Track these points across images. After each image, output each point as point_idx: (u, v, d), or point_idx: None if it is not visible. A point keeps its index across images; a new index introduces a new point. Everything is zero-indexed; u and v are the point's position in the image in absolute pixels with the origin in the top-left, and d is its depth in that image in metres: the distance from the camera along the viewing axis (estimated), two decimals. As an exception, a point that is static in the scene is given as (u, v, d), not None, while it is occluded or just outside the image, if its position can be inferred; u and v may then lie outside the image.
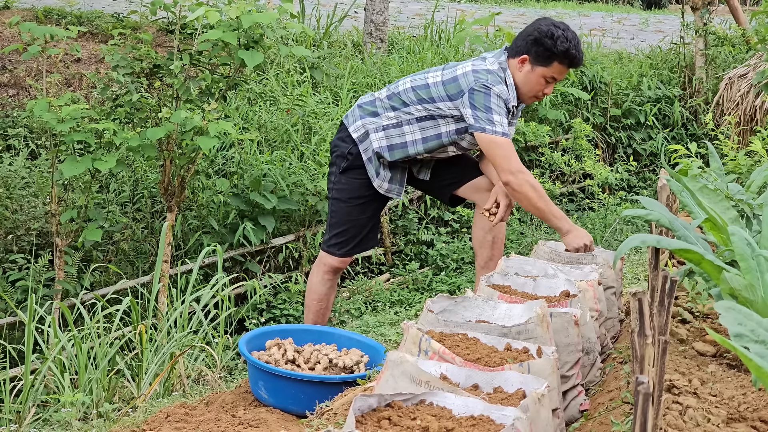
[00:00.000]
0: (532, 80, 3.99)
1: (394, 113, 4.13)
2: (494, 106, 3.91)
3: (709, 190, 3.40)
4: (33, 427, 4.60)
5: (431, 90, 4.08)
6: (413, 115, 4.11)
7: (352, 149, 4.20)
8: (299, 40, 9.93)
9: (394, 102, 4.15)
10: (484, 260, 4.30)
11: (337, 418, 3.18)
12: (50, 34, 6.24)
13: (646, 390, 1.69)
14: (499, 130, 3.90)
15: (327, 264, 4.32)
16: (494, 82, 3.94)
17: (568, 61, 3.96)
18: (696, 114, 10.14)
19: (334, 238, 4.26)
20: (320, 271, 4.36)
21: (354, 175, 4.23)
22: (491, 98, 3.91)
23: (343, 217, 4.23)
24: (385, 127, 4.14)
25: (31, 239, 6.82)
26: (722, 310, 1.91)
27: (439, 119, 4.07)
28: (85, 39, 10.09)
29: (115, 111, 6.22)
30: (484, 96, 3.92)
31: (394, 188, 4.23)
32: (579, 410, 3.07)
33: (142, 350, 5.05)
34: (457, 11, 14.18)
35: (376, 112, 4.18)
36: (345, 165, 4.21)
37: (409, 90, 4.13)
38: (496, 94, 3.91)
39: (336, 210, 4.27)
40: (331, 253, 4.29)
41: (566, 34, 3.94)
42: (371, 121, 4.17)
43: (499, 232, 4.26)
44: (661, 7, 23.11)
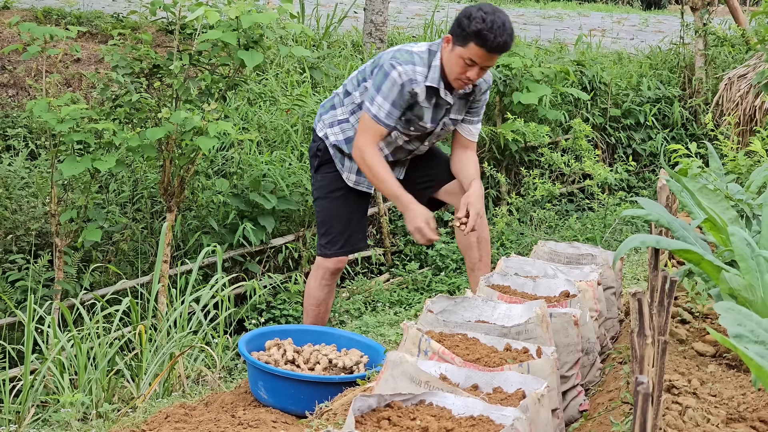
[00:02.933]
0: (452, 61, 3.90)
1: (345, 106, 4.17)
2: (385, 88, 3.91)
3: (708, 191, 3.40)
4: (32, 428, 4.60)
5: (366, 70, 4.11)
6: (355, 102, 4.13)
7: (320, 145, 4.23)
8: (299, 40, 9.93)
9: (344, 92, 4.20)
10: (473, 262, 4.28)
11: (337, 419, 3.18)
12: (50, 35, 6.24)
13: (645, 390, 1.69)
14: (373, 110, 3.92)
15: (322, 267, 4.30)
16: (403, 61, 3.92)
17: (481, 43, 3.80)
18: (696, 114, 10.14)
19: (323, 239, 4.26)
20: (317, 276, 4.33)
21: (326, 170, 4.24)
22: (386, 81, 3.90)
23: (325, 215, 4.24)
24: (340, 120, 4.17)
25: (31, 239, 6.82)
26: (722, 311, 1.91)
27: None
28: (84, 39, 10.09)
29: (115, 111, 6.22)
30: (382, 76, 3.93)
31: (364, 181, 4.20)
32: (578, 410, 3.07)
33: (141, 350, 5.05)
34: (457, 11, 14.17)
35: (333, 106, 4.23)
36: (317, 162, 4.24)
37: (354, 75, 4.17)
38: (393, 78, 3.90)
39: (319, 209, 4.29)
40: (323, 255, 4.28)
41: (486, 16, 3.79)
42: (330, 115, 4.22)
43: (482, 232, 4.22)
44: (661, 7, 23.12)
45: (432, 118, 4.10)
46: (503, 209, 8.14)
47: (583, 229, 7.84)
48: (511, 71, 8.58)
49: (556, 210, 8.45)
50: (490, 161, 8.63)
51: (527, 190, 8.24)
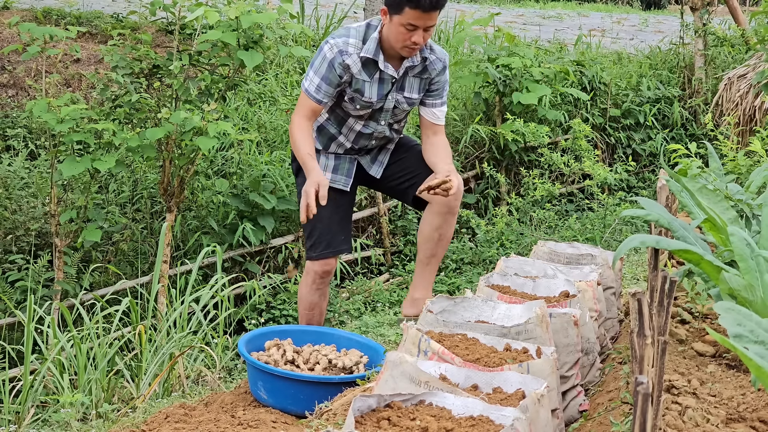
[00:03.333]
0: (393, 31, 3.91)
1: None
2: (317, 63, 3.97)
3: (708, 191, 3.40)
4: (32, 428, 4.60)
5: None
6: None
7: None
8: (299, 40, 9.94)
9: None
10: (426, 256, 4.25)
11: (337, 419, 3.18)
12: (49, 35, 6.24)
13: (645, 390, 1.69)
14: (305, 84, 3.99)
15: (311, 271, 4.26)
16: (337, 35, 3.98)
17: (414, 4, 3.81)
18: (695, 114, 10.14)
19: (308, 242, 4.23)
20: (307, 280, 4.29)
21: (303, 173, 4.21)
22: (319, 56, 3.97)
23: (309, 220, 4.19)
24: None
25: (31, 240, 6.82)
26: (721, 311, 1.91)
27: None
28: (84, 39, 10.09)
29: (115, 111, 6.22)
30: (317, 53, 4.00)
31: (339, 179, 4.20)
32: (578, 410, 3.07)
33: (141, 351, 5.05)
34: (457, 11, 14.18)
35: None
36: (295, 166, 4.21)
37: None
38: (324, 53, 3.96)
39: None
40: (310, 258, 4.24)
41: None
42: None
43: (447, 231, 4.21)
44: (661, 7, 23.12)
45: (377, 93, 4.07)
46: (503, 209, 8.14)
47: (583, 229, 7.84)
48: (511, 71, 8.58)
49: (555, 210, 8.45)
50: (490, 161, 8.63)
51: (527, 190, 8.24)
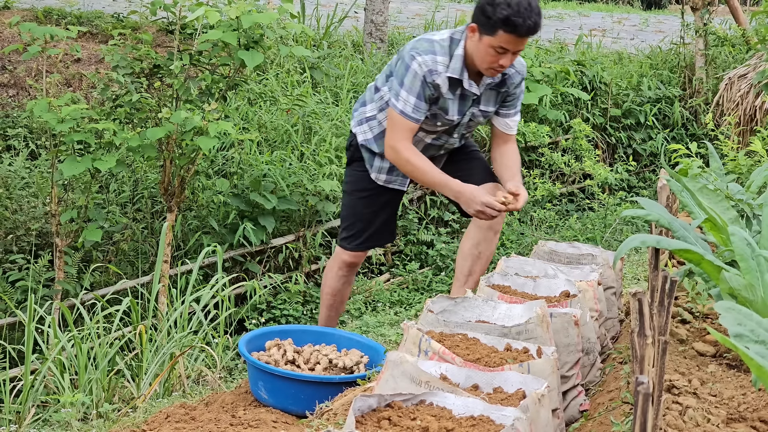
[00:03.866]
0: (481, 50, 3.68)
1: (374, 103, 4.00)
2: (407, 81, 3.74)
3: (708, 191, 3.40)
4: (33, 428, 4.60)
5: (392, 63, 3.94)
6: (384, 99, 3.94)
7: (352, 141, 4.09)
8: (299, 40, 9.94)
9: (374, 89, 4.01)
10: (463, 274, 4.07)
11: (337, 419, 3.19)
12: (50, 35, 6.24)
13: (646, 390, 1.69)
14: (399, 106, 3.76)
15: (340, 258, 4.17)
16: (424, 51, 3.73)
17: (510, 29, 3.59)
18: (696, 114, 10.14)
19: (344, 232, 4.14)
20: (334, 266, 4.21)
21: (356, 167, 4.09)
22: (408, 73, 3.74)
23: (349, 210, 4.14)
24: (368, 118, 4.01)
25: (31, 239, 6.82)
26: (722, 311, 1.91)
27: None
28: (85, 39, 10.09)
29: (115, 111, 6.22)
30: (404, 68, 3.76)
31: (396, 179, 4.04)
32: (579, 410, 3.07)
33: (142, 350, 5.05)
34: (457, 11, 14.18)
35: (364, 102, 4.05)
36: (348, 156, 4.12)
37: (385, 69, 4.00)
38: (414, 70, 3.72)
39: (345, 203, 4.19)
40: (342, 246, 4.16)
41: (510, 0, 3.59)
42: (360, 112, 4.06)
43: (487, 249, 4.05)
44: (661, 7, 23.11)
45: (458, 111, 3.90)
46: (503, 209, 8.13)
47: (584, 229, 7.84)
48: (512, 71, 8.57)
49: (556, 210, 8.45)
50: (490, 161, 8.62)
51: (527, 190, 8.23)
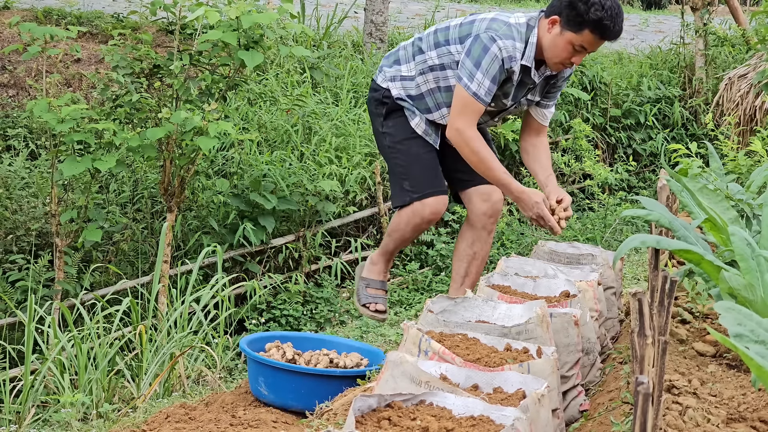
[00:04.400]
0: (559, 45, 3.64)
1: (413, 64, 3.91)
2: (485, 63, 3.64)
3: (709, 191, 3.40)
4: (33, 428, 4.60)
5: (449, 32, 3.82)
6: (427, 63, 3.87)
7: (386, 93, 3.95)
8: (299, 40, 9.93)
9: (415, 49, 3.91)
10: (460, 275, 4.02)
11: (337, 419, 3.19)
12: (50, 35, 6.25)
13: (645, 390, 1.69)
14: (473, 87, 3.66)
15: (419, 212, 3.90)
16: (503, 35, 3.65)
17: (599, 31, 3.60)
18: (696, 114, 10.14)
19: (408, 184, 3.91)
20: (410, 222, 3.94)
21: (398, 115, 3.96)
22: (486, 55, 3.64)
23: (404, 158, 3.92)
24: (403, 77, 3.93)
25: (31, 239, 6.83)
26: (722, 311, 1.91)
27: (448, 70, 3.83)
28: (85, 39, 10.09)
29: (115, 111, 6.22)
30: (482, 49, 3.65)
31: (431, 134, 3.95)
32: (579, 410, 3.07)
33: (142, 350, 5.05)
34: (458, 11, 14.18)
35: (398, 60, 3.96)
36: (386, 109, 3.95)
37: (431, 34, 3.89)
38: (493, 53, 3.64)
39: (396, 155, 3.96)
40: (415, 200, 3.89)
41: (605, 2, 3.57)
42: (395, 70, 3.96)
43: (482, 249, 4.01)
44: (661, 7, 23.11)
45: (514, 96, 3.86)
46: (503, 209, 8.14)
47: (584, 229, 7.85)
48: (512, 71, 8.57)
49: (556, 210, 8.43)
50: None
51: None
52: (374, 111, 4.06)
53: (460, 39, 3.79)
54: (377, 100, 4.01)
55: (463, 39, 3.77)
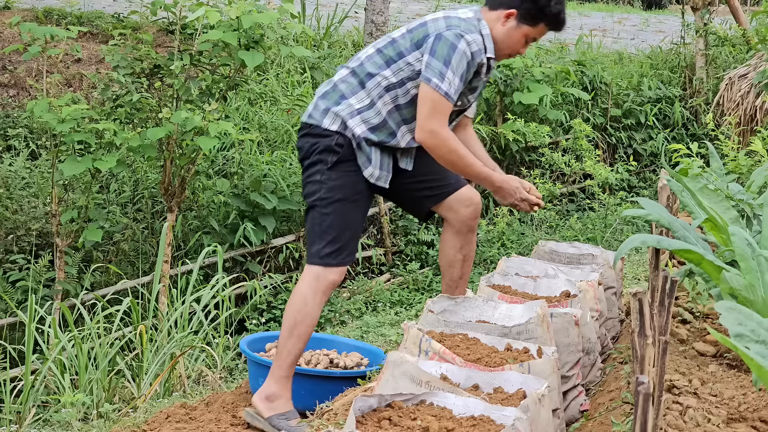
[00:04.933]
0: (514, 38, 3.62)
1: (363, 92, 3.65)
2: (454, 61, 3.54)
3: (709, 191, 3.40)
4: (33, 428, 4.60)
5: (398, 44, 3.66)
6: (381, 85, 3.65)
7: (339, 140, 3.62)
8: (300, 40, 9.94)
9: (360, 77, 3.67)
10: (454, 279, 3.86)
11: (338, 419, 3.19)
12: (50, 35, 6.25)
13: (646, 390, 1.69)
14: (444, 87, 3.52)
15: (325, 279, 3.60)
16: (467, 30, 3.58)
17: (554, 24, 3.65)
18: (696, 114, 10.14)
19: (330, 246, 3.60)
20: (318, 290, 3.58)
21: (346, 167, 3.66)
22: (455, 53, 3.54)
23: (339, 220, 3.65)
24: (361, 109, 3.65)
25: (32, 239, 6.83)
26: (723, 311, 1.91)
27: (408, 83, 3.64)
28: (85, 39, 10.09)
29: (116, 111, 6.22)
30: (448, 47, 3.54)
31: (383, 175, 3.73)
32: (579, 410, 3.07)
33: (142, 350, 5.05)
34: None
35: (343, 95, 3.66)
36: (336, 158, 3.63)
37: (374, 55, 3.68)
38: (462, 50, 3.54)
39: (332, 213, 3.64)
40: (328, 265, 3.59)
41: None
42: (345, 105, 3.64)
43: (470, 250, 3.88)
44: (662, 7, 23.11)
45: (479, 92, 3.81)
46: (504, 209, 8.14)
47: (584, 229, 7.84)
48: (512, 71, 8.58)
49: (556, 210, 8.45)
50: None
51: (528, 190, 8.23)
52: (315, 158, 3.66)
53: (416, 45, 3.65)
54: (326, 147, 3.64)
55: (420, 43, 3.64)
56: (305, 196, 3.72)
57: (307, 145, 3.68)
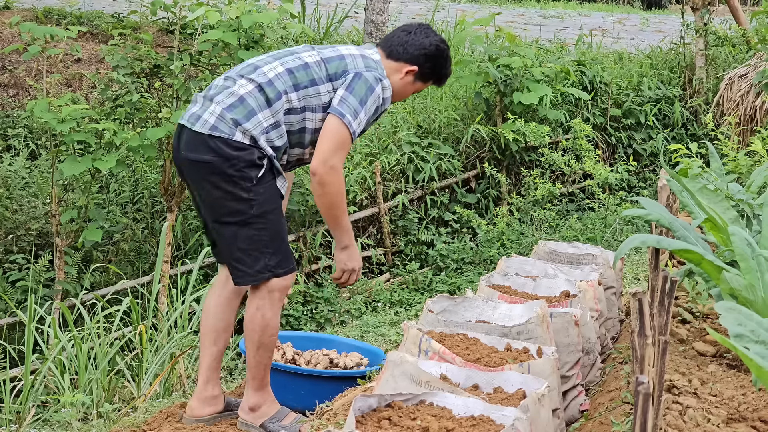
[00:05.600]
0: (408, 91, 3.73)
1: (269, 110, 3.49)
2: (370, 103, 3.53)
3: (709, 191, 3.40)
4: (33, 428, 4.60)
5: (312, 71, 3.56)
6: (284, 107, 3.53)
7: (259, 153, 3.48)
8: (299, 40, 9.94)
9: (268, 94, 3.51)
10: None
11: (337, 419, 3.19)
12: (50, 35, 6.25)
13: (646, 390, 1.69)
14: (354, 126, 3.48)
15: (279, 289, 3.54)
16: (382, 75, 3.62)
17: (441, 83, 3.81)
18: (696, 114, 10.14)
19: (275, 257, 3.53)
20: (274, 301, 3.53)
21: (268, 179, 3.52)
22: (372, 95, 3.54)
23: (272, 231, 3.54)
24: (267, 129, 3.48)
25: (31, 239, 6.83)
26: (722, 311, 1.91)
27: (308, 112, 3.55)
28: (85, 39, 10.10)
29: (116, 111, 6.22)
30: (367, 88, 3.53)
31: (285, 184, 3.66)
32: (579, 410, 3.07)
33: (142, 350, 5.06)
34: (458, 11, 14.19)
35: (253, 111, 3.48)
36: (260, 173, 3.48)
37: (285, 75, 3.55)
38: (378, 93, 3.55)
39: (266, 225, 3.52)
40: (278, 275, 3.52)
41: (450, 53, 3.75)
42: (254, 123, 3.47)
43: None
44: (662, 7, 23.12)
45: None
46: (504, 209, 8.15)
47: (584, 229, 7.84)
48: (512, 71, 8.58)
49: (556, 210, 8.45)
50: (491, 161, 8.63)
51: (528, 190, 8.24)
52: (238, 174, 3.45)
53: (330, 77, 3.58)
54: (248, 162, 3.46)
55: (335, 77, 3.58)
56: (229, 214, 3.47)
57: (219, 160, 3.44)
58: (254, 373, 3.51)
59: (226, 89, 3.52)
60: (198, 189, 3.52)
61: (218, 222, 3.49)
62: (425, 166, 8.16)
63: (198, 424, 3.57)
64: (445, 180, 8.42)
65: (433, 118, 8.83)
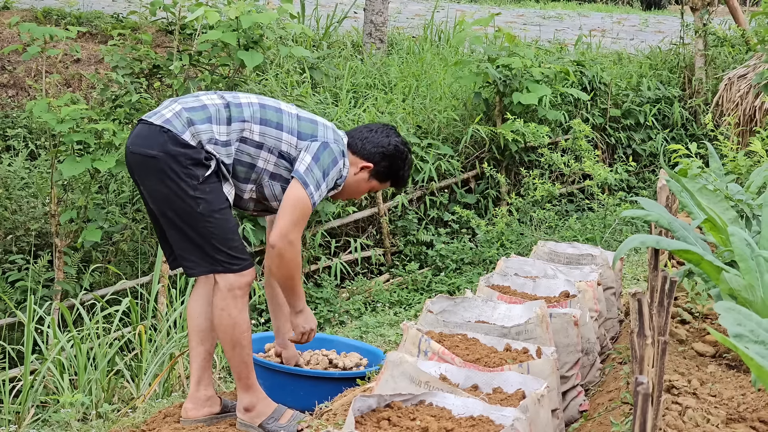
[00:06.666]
0: (362, 188, 3.75)
1: (226, 127, 3.52)
2: (330, 175, 3.56)
3: (708, 191, 3.40)
4: (32, 428, 4.60)
5: (283, 117, 3.61)
6: (243, 133, 3.54)
7: (206, 155, 3.49)
8: (299, 40, 9.94)
9: (232, 114, 3.54)
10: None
11: (337, 419, 3.19)
12: (50, 35, 6.25)
13: (645, 390, 1.69)
14: (315, 197, 3.51)
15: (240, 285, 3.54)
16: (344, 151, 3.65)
17: (399, 185, 3.82)
18: (695, 114, 10.14)
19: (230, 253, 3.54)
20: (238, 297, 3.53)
21: (214, 180, 3.52)
22: (335, 168, 3.58)
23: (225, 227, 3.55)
24: (217, 141, 3.48)
25: (31, 240, 6.82)
26: (722, 311, 1.91)
27: (264, 151, 3.56)
28: (84, 39, 10.10)
29: (115, 111, 6.23)
30: (331, 161, 3.56)
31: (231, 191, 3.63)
32: (578, 410, 3.07)
33: (141, 351, 5.05)
34: (457, 12, 14.19)
35: (210, 118, 3.50)
36: (207, 173, 3.48)
37: (255, 105, 3.59)
38: (339, 167, 3.59)
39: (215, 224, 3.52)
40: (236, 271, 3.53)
41: (410, 161, 3.78)
42: (206, 128, 3.48)
43: None
44: (661, 7, 23.13)
45: None
46: (503, 209, 8.15)
47: (583, 229, 7.84)
48: (511, 71, 8.58)
49: (556, 210, 8.45)
50: (490, 161, 8.63)
51: (527, 191, 8.24)
52: (183, 171, 3.46)
53: (299, 134, 3.60)
54: (194, 160, 3.47)
55: (303, 136, 3.60)
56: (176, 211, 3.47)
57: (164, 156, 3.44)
58: (238, 373, 3.53)
59: (195, 96, 3.58)
60: (145, 186, 3.53)
61: (166, 218, 3.50)
62: (425, 167, 8.16)
63: (197, 424, 3.58)
64: (445, 180, 8.43)
65: (432, 118, 8.83)
